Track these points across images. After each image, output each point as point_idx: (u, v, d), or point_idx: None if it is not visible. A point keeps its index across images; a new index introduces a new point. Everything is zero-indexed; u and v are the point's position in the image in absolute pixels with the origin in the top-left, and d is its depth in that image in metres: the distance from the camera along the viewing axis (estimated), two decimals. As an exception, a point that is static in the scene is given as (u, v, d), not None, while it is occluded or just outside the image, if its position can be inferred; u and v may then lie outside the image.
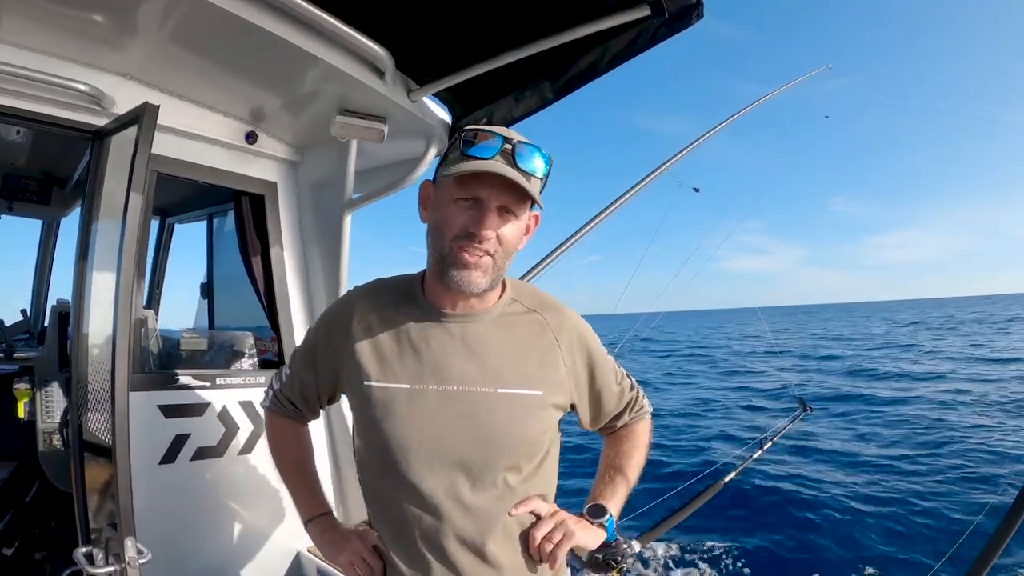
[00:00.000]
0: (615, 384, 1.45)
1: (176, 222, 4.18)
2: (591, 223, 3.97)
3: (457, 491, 1.21)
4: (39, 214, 4.52)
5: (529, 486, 1.28)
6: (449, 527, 1.21)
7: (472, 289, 1.21)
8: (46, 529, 3.24)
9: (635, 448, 1.51)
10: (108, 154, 2.10)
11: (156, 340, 2.64)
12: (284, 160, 2.86)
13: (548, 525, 1.28)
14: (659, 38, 1.81)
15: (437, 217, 1.23)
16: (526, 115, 2.25)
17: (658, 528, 3.32)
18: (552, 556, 1.26)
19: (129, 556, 1.51)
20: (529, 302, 1.37)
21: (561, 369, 1.32)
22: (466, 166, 1.14)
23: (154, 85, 2.32)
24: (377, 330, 1.30)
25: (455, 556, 1.21)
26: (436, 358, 1.25)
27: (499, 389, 1.24)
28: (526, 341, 1.31)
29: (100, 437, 1.78)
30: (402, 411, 1.22)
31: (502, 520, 1.25)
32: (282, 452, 1.54)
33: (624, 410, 1.50)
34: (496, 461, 1.23)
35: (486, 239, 1.18)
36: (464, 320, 1.29)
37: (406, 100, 2.25)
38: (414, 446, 1.21)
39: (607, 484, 1.45)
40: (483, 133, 1.17)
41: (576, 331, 1.37)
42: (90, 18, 1.89)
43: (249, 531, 2.45)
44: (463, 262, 1.18)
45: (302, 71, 2.12)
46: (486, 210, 1.17)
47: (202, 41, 2.02)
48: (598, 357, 1.41)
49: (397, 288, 1.36)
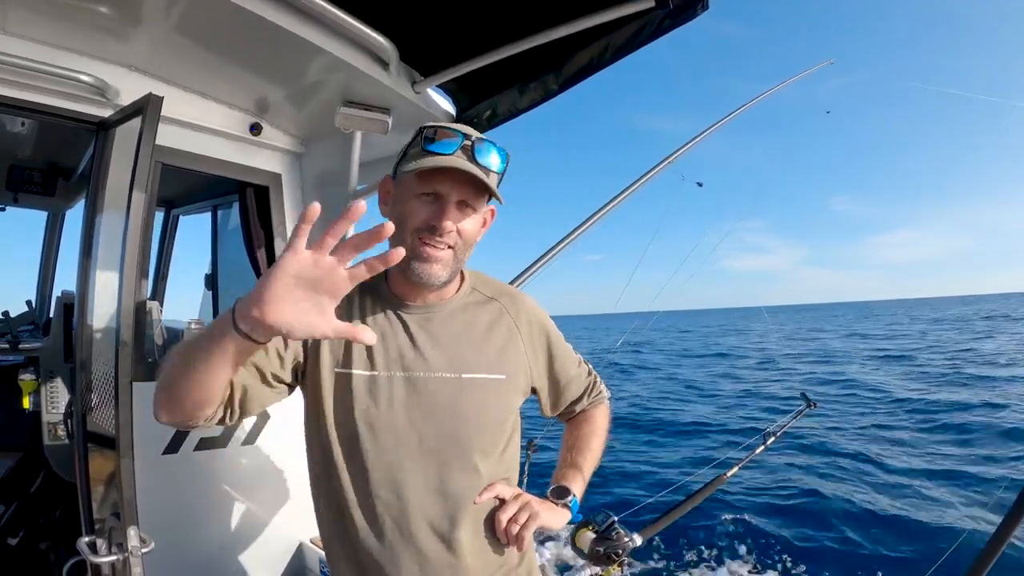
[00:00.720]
0: (574, 369, 1.53)
1: (181, 214, 4.18)
2: (593, 218, 3.94)
3: (426, 477, 1.23)
4: (44, 205, 4.53)
5: (495, 470, 1.32)
6: (418, 513, 1.22)
7: (433, 281, 1.24)
8: (51, 519, 3.26)
9: (594, 433, 1.57)
10: (112, 145, 2.11)
11: (160, 331, 2.64)
12: (288, 151, 2.85)
13: (514, 507, 1.30)
14: (663, 30, 1.81)
15: (399, 211, 1.25)
16: (530, 107, 2.25)
17: (660, 522, 3.31)
18: (519, 537, 1.28)
19: (132, 545, 1.51)
20: (488, 291, 1.42)
21: (522, 353, 1.38)
22: (427, 161, 1.17)
23: (158, 76, 2.32)
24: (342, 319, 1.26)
25: (424, 543, 1.23)
26: (401, 347, 1.28)
27: (464, 375, 1.28)
28: (487, 328, 1.36)
29: (104, 427, 1.79)
30: (368, 399, 1.24)
31: (469, 506, 1.27)
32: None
33: (583, 395, 1.57)
34: (464, 446, 1.26)
35: (447, 232, 1.21)
36: (427, 310, 1.32)
37: (410, 91, 2.25)
38: (379, 433, 1.23)
39: (569, 467, 1.50)
40: (443, 130, 1.21)
41: (535, 317, 1.44)
42: (95, 9, 1.89)
43: (252, 521, 2.47)
44: (425, 255, 1.21)
45: (306, 62, 2.11)
46: (447, 204, 1.21)
47: (206, 32, 2.01)
48: (556, 342, 1.47)
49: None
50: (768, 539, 7.32)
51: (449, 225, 1.21)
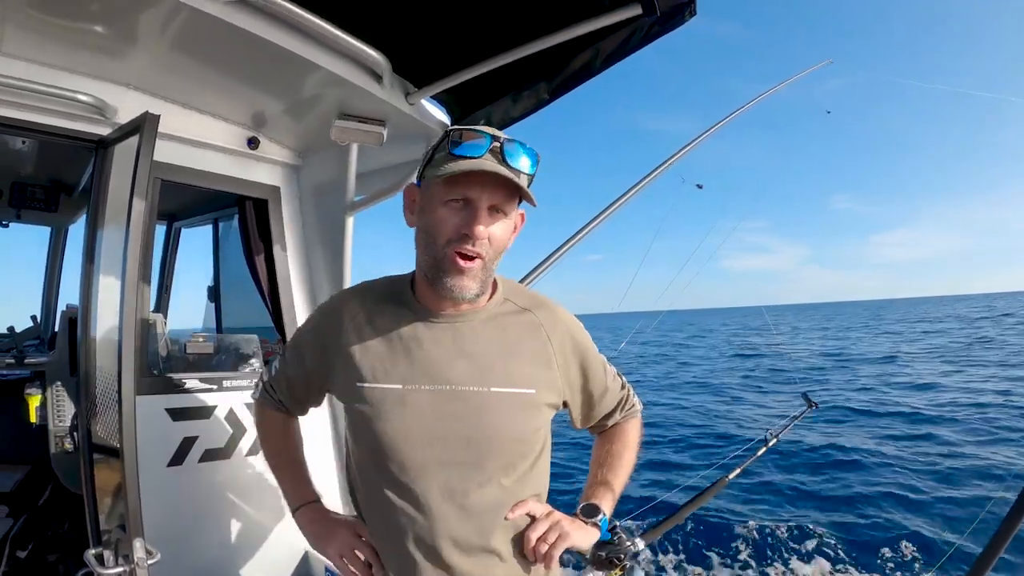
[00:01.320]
0: (607, 383, 1.46)
1: (183, 227, 4.21)
2: (594, 222, 3.96)
3: (452, 492, 1.21)
4: (47, 221, 4.57)
5: (523, 486, 1.28)
6: (444, 529, 1.20)
7: (465, 295, 1.20)
8: (59, 531, 3.28)
9: (626, 447, 1.51)
10: (112, 163, 2.13)
11: (165, 343, 2.67)
12: (286, 164, 2.88)
13: (544, 526, 1.27)
14: (652, 36, 1.83)
15: (427, 220, 1.21)
16: (524, 115, 2.27)
17: (662, 526, 3.32)
18: (548, 556, 1.25)
19: (138, 557, 1.53)
20: (521, 301, 1.37)
21: (554, 368, 1.33)
22: (456, 165, 1.13)
23: (156, 93, 2.35)
24: (367, 331, 1.29)
25: (449, 557, 1.20)
26: (428, 358, 1.25)
27: (492, 388, 1.24)
28: (518, 340, 1.31)
29: (108, 440, 1.81)
30: (394, 412, 1.22)
31: (499, 522, 1.24)
32: (270, 441, 1.56)
33: (615, 409, 1.51)
34: (490, 460, 1.23)
35: (479, 239, 1.16)
36: (455, 320, 1.28)
37: (404, 103, 2.27)
38: (407, 447, 1.21)
39: (599, 484, 1.44)
40: (470, 132, 1.16)
41: (568, 330, 1.38)
42: (92, 29, 1.91)
43: (257, 531, 2.48)
44: (457, 268, 1.17)
45: (301, 77, 2.14)
46: (478, 210, 1.16)
47: (201, 50, 2.03)
48: (590, 356, 1.41)
49: (386, 289, 1.36)
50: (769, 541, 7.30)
51: (481, 231, 1.15)
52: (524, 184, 1.17)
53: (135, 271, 1.78)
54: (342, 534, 1.33)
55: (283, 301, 2.83)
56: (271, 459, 1.54)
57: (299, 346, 1.43)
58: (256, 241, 2.86)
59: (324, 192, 2.82)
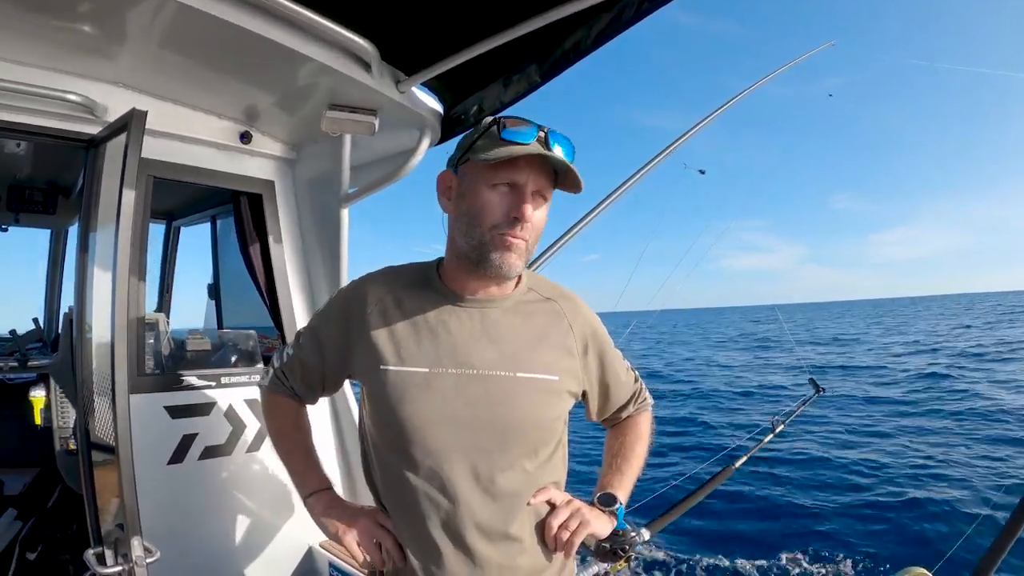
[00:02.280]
0: (623, 375, 1.49)
1: (182, 225, 4.21)
2: (596, 210, 3.93)
3: (477, 476, 1.21)
4: (46, 224, 4.58)
5: (544, 472, 1.29)
6: (468, 513, 1.21)
7: (512, 272, 1.22)
8: (68, 533, 3.29)
9: (639, 439, 1.53)
10: (103, 162, 2.12)
11: (168, 342, 2.67)
12: (280, 158, 2.87)
13: (564, 513, 1.28)
14: (643, 12, 1.78)
15: (471, 204, 1.22)
16: (516, 99, 2.24)
17: (667, 516, 3.29)
18: (569, 544, 1.26)
19: (136, 555, 1.53)
20: (545, 291, 1.39)
21: (575, 357, 1.35)
22: (508, 150, 1.15)
23: (145, 91, 2.34)
24: (393, 314, 1.30)
25: (473, 542, 1.21)
26: (454, 342, 1.26)
27: (518, 373, 1.25)
28: (543, 328, 1.33)
29: (106, 440, 1.80)
30: (420, 395, 1.22)
31: (521, 507, 1.25)
32: (280, 429, 1.51)
33: (629, 401, 1.53)
34: (515, 445, 1.24)
35: (528, 221, 1.19)
36: (483, 305, 1.30)
37: (395, 91, 2.24)
38: (431, 431, 1.21)
39: (615, 473, 1.46)
40: (518, 120, 1.19)
41: (589, 322, 1.40)
42: (78, 29, 1.90)
43: (260, 527, 2.48)
44: (506, 244, 1.19)
45: (289, 69, 2.11)
46: (526, 194, 1.19)
47: (189, 45, 2.02)
48: (608, 348, 1.44)
49: (412, 274, 1.38)
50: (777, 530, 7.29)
51: (530, 214, 1.19)
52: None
53: (126, 268, 1.77)
54: (362, 522, 1.31)
55: (280, 295, 2.82)
56: (280, 446, 1.50)
57: (318, 330, 1.42)
58: (252, 236, 2.85)
59: (319, 185, 2.80)
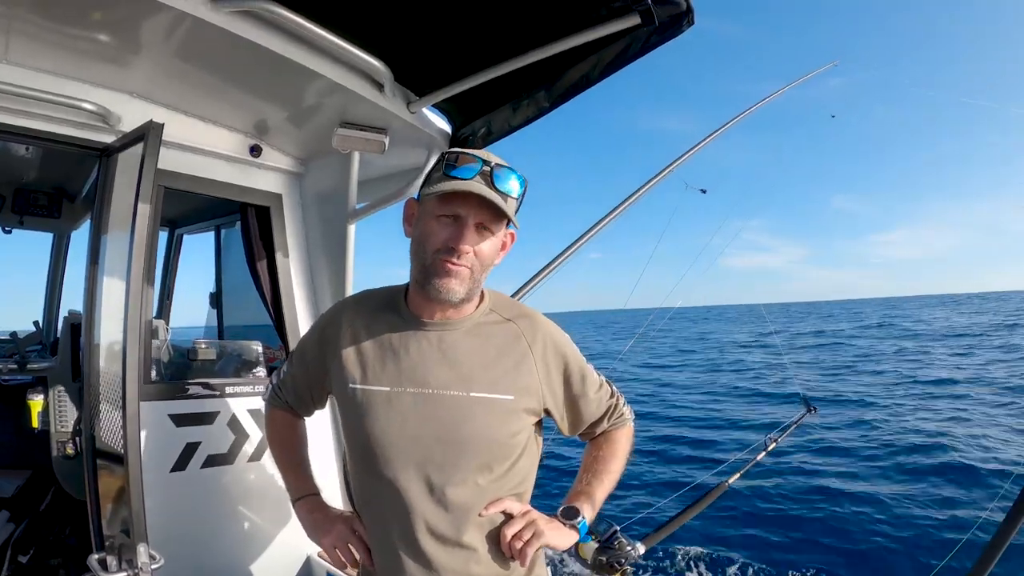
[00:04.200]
0: (593, 392, 1.50)
1: (185, 233, 4.23)
2: (597, 226, 3.96)
3: (430, 488, 1.29)
4: (50, 228, 4.59)
5: (501, 486, 1.34)
6: (422, 522, 1.28)
7: (451, 297, 1.28)
8: (61, 536, 3.29)
9: (613, 455, 1.55)
10: (116, 170, 2.15)
11: (167, 349, 2.69)
12: (289, 172, 2.90)
13: (519, 524, 1.33)
14: (650, 46, 1.84)
15: (420, 231, 1.31)
16: (524, 124, 2.29)
17: (662, 531, 3.32)
18: (522, 553, 1.30)
19: (141, 562, 1.55)
20: (506, 312, 1.44)
21: (534, 376, 1.38)
22: (447, 185, 1.23)
23: (159, 102, 2.37)
24: (362, 337, 1.40)
25: (428, 549, 1.28)
26: (414, 363, 1.33)
27: (471, 393, 1.31)
28: (500, 349, 1.38)
29: (112, 446, 1.82)
30: (381, 412, 1.31)
31: (473, 518, 1.31)
32: (276, 439, 1.66)
33: (603, 417, 1.55)
34: (465, 460, 1.30)
35: (463, 253, 1.26)
36: (441, 328, 1.36)
37: (405, 112, 2.29)
38: (390, 445, 1.30)
39: (584, 487, 1.49)
40: (465, 156, 1.26)
41: (551, 340, 1.43)
42: (96, 38, 1.94)
43: (260, 536, 2.49)
44: (445, 270, 1.26)
45: (303, 86, 2.16)
46: (465, 227, 1.26)
47: (204, 58, 2.06)
48: (574, 365, 1.46)
49: (382, 298, 1.46)
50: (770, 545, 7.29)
51: (466, 247, 1.26)
52: (511, 207, 1.28)
53: (139, 277, 1.80)
54: (338, 528, 1.43)
55: (285, 308, 2.85)
56: (276, 455, 1.66)
57: (303, 351, 1.55)
58: (258, 248, 2.88)
59: (326, 199, 2.84)
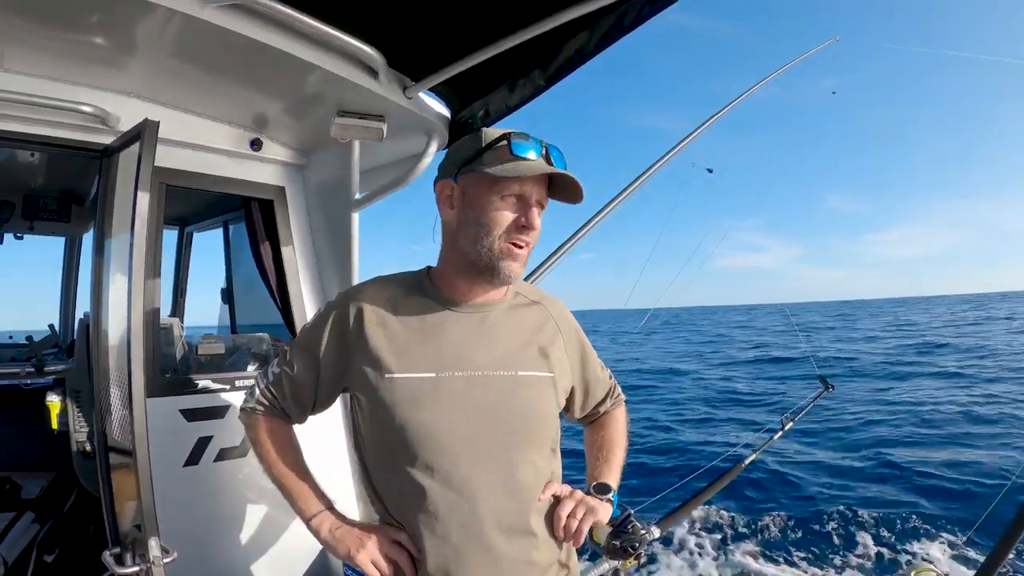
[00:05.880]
0: (600, 372, 1.58)
1: (194, 231, 4.25)
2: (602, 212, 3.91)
3: (495, 473, 1.25)
4: (61, 232, 4.63)
5: (551, 465, 1.36)
6: (488, 511, 1.23)
7: (516, 277, 1.30)
8: (84, 535, 3.33)
9: (619, 431, 1.61)
10: (116, 170, 2.15)
11: (182, 345, 2.71)
12: (290, 164, 2.90)
13: (571, 503, 1.32)
14: (644, 17, 1.82)
15: (480, 214, 1.27)
16: (521, 103, 2.27)
17: (677, 513, 3.29)
18: (578, 532, 1.30)
19: (154, 556, 1.56)
20: (530, 295, 1.47)
21: (564, 355, 1.42)
22: (525, 166, 1.23)
23: (157, 100, 2.37)
24: (392, 322, 1.32)
25: (493, 541, 1.23)
26: (456, 345, 1.30)
27: (519, 372, 1.31)
28: (535, 329, 1.40)
29: (122, 442, 1.83)
30: (429, 400, 1.25)
31: (535, 501, 1.29)
32: (271, 451, 1.43)
33: (605, 397, 1.62)
34: (525, 441, 1.29)
35: (535, 230, 1.28)
36: (480, 309, 1.35)
37: (402, 97, 2.27)
38: (446, 433, 1.24)
39: (603, 463, 1.51)
40: (522, 135, 1.26)
41: (571, 323, 1.50)
42: (90, 41, 1.93)
43: (274, 528, 2.50)
44: (513, 255, 1.27)
45: (297, 77, 2.14)
46: (532, 205, 1.27)
47: (198, 55, 2.05)
48: (587, 348, 1.53)
49: (404, 282, 1.40)
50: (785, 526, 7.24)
51: (538, 223, 1.28)
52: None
53: (142, 273, 1.80)
54: (374, 539, 1.30)
55: (292, 300, 2.85)
56: (273, 470, 1.43)
57: (310, 345, 1.39)
58: (263, 241, 2.88)
59: (329, 190, 2.83)
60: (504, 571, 1.25)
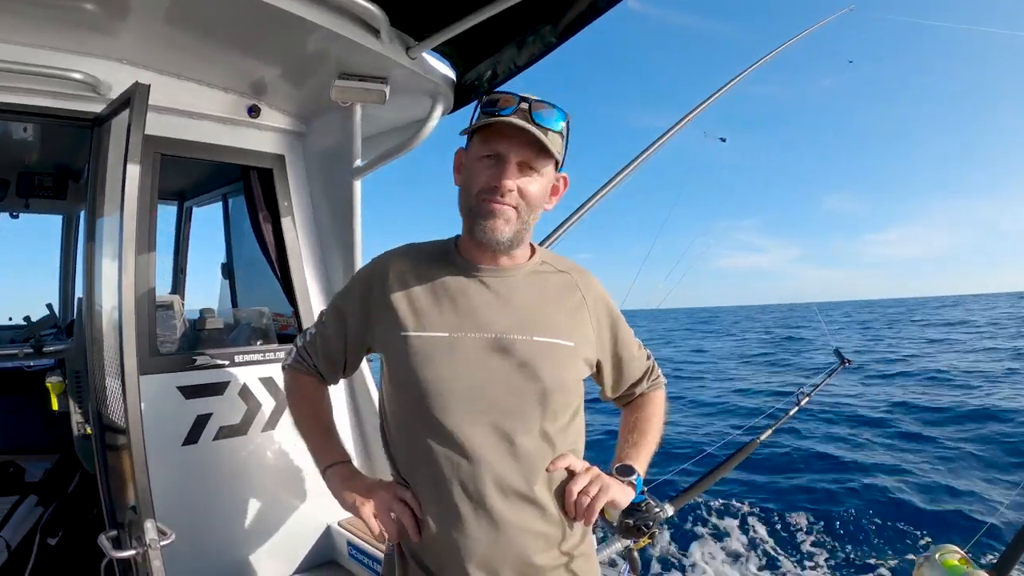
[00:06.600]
0: (635, 351, 1.53)
1: (194, 205, 4.17)
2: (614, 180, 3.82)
3: (499, 436, 1.23)
4: (57, 209, 4.53)
5: (565, 438, 1.31)
6: (489, 472, 1.21)
7: (498, 237, 1.27)
8: (88, 517, 3.29)
9: (654, 415, 1.55)
10: (108, 139, 2.08)
11: (183, 322, 2.64)
12: (290, 131, 2.81)
13: (585, 479, 1.28)
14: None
15: (465, 175, 1.32)
16: (530, 62, 2.16)
17: (691, 491, 3.24)
18: (590, 509, 1.25)
19: (150, 538, 1.50)
20: (559, 265, 1.45)
21: (589, 326, 1.39)
22: (483, 121, 1.24)
23: (150, 66, 2.29)
24: (414, 284, 1.35)
25: (492, 503, 1.21)
26: (473, 308, 1.30)
27: (535, 337, 1.28)
28: (557, 296, 1.38)
29: (117, 422, 1.77)
30: (442, 359, 1.25)
31: (542, 470, 1.26)
32: (301, 404, 1.53)
33: (642, 378, 1.56)
34: (535, 407, 1.25)
35: (507, 191, 1.25)
36: (498, 274, 1.35)
37: (405, 58, 2.17)
38: (455, 392, 1.23)
39: (631, 446, 1.47)
40: (504, 94, 1.25)
41: (602, 295, 1.46)
42: (79, 6, 1.86)
43: (277, 507, 2.46)
44: (488, 211, 1.25)
45: (296, 38, 2.06)
46: (506, 164, 1.25)
47: (192, 18, 1.98)
48: (620, 323, 1.48)
49: (431, 249, 1.43)
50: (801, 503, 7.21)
51: (509, 184, 1.24)
52: (554, 141, 1.27)
53: (133, 245, 1.72)
54: (380, 494, 1.31)
55: (293, 271, 2.78)
56: (301, 423, 1.51)
57: (341, 306, 1.46)
58: (263, 212, 2.80)
59: (330, 158, 2.74)
60: (506, 536, 1.22)
